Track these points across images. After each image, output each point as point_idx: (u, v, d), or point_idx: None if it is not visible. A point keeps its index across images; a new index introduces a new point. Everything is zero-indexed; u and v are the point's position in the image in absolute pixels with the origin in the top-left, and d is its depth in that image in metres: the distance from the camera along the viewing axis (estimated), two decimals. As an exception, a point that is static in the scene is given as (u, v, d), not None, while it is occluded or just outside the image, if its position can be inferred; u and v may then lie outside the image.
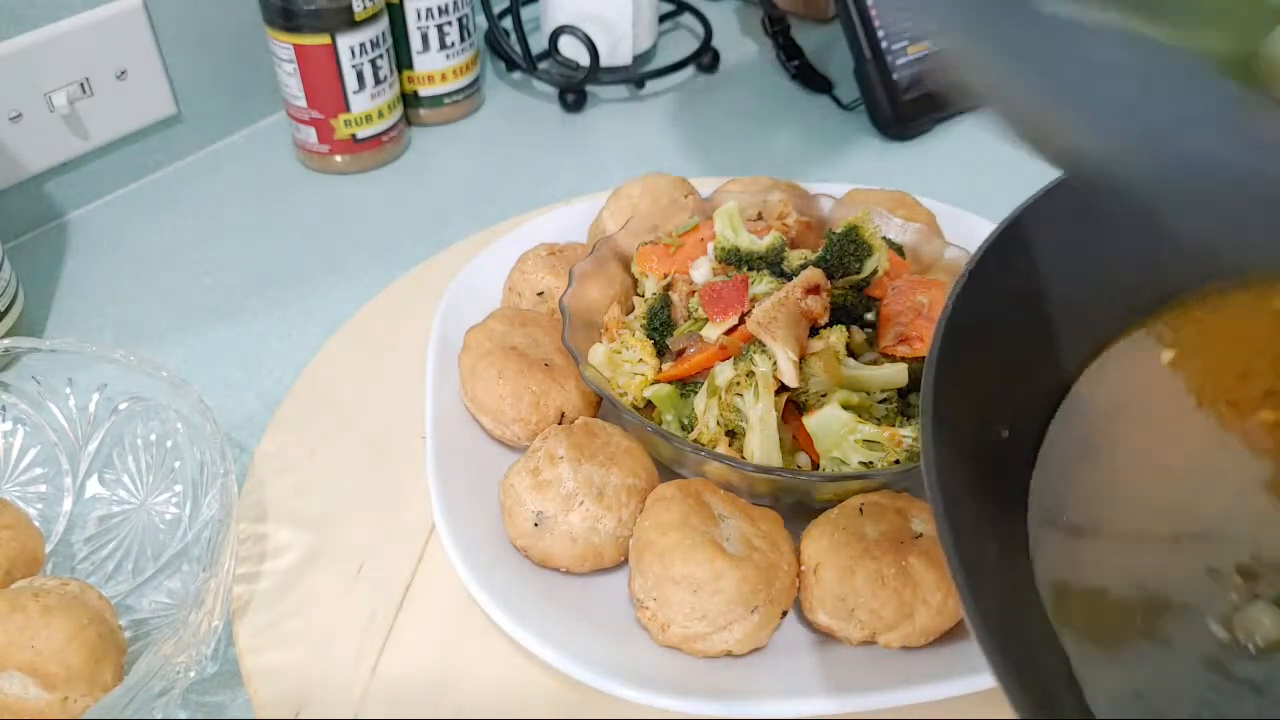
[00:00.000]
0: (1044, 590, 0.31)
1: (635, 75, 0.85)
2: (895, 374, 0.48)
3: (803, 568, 0.43)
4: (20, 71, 0.63)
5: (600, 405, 0.52)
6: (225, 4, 0.73)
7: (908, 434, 0.45)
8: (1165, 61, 0.31)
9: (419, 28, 0.76)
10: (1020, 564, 0.32)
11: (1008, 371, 0.36)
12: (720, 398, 0.47)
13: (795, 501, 0.47)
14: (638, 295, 0.56)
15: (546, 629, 0.42)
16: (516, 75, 0.89)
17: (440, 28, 0.76)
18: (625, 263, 0.56)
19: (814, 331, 0.49)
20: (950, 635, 0.43)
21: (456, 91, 0.81)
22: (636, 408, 0.49)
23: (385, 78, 0.73)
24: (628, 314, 0.54)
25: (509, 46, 0.84)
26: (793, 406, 0.48)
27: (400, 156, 0.78)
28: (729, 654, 0.42)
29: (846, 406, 0.46)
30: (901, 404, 0.48)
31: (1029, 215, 0.37)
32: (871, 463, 0.45)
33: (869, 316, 0.51)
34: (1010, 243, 0.36)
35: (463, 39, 0.78)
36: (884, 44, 0.77)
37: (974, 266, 0.34)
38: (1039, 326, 0.38)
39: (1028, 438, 0.36)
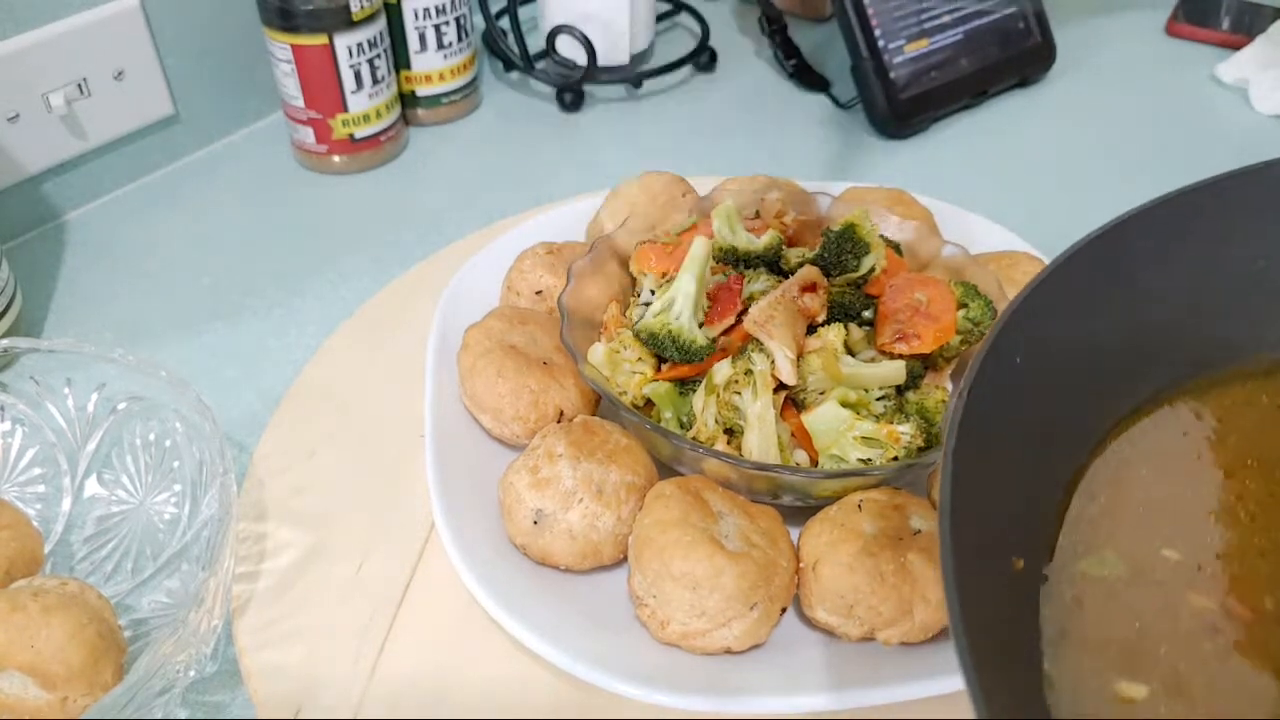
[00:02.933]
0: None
1: (633, 75, 0.85)
2: (893, 371, 0.48)
3: (802, 564, 0.43)
4: (18, 72, 0.63)
5: (599, 403, 0.52)
6: (223, 4, 0.73)
7: (906, 431, 0.45)
8: None
9: (416, 28, 0.76)
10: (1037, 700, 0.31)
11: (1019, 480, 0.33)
12: (719, 396, 0.47)
13: (794, 499, 0.47)
14: (634, 294, 0.56)
15: (546, 627, 0.42)
16: (514, 75, 0.89)
17: (438, 28, 0.76)
18: (623, 261, 0.56)
19: (812, 329, 0.49)
20: (949, 632, 0.43)
21: (454, 91, 0.81)
22: (635, 406, 0.49)
23: (383, 78, 0.73)
24: (626, 312, 0.54)
25: (506, 46, 0.84)
26: (791, 404, 0.48)
27: (398, 156, 0.78)
28: (728, 651, 0.42)
29: (845, 404, 0.46)
30: (899, 401, 0.48)
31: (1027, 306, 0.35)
32: (870, 460, 0.45)
33: (867, 314, 0.51)
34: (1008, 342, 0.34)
35: (460, 39, 0.78)
36: (881, 43, 0.78)
37: (977, 371, 0.32)
38: (1039, 430, 0.35)
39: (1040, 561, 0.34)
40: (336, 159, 0.75)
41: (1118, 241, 0.37)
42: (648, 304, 0.52)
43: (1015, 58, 0.85)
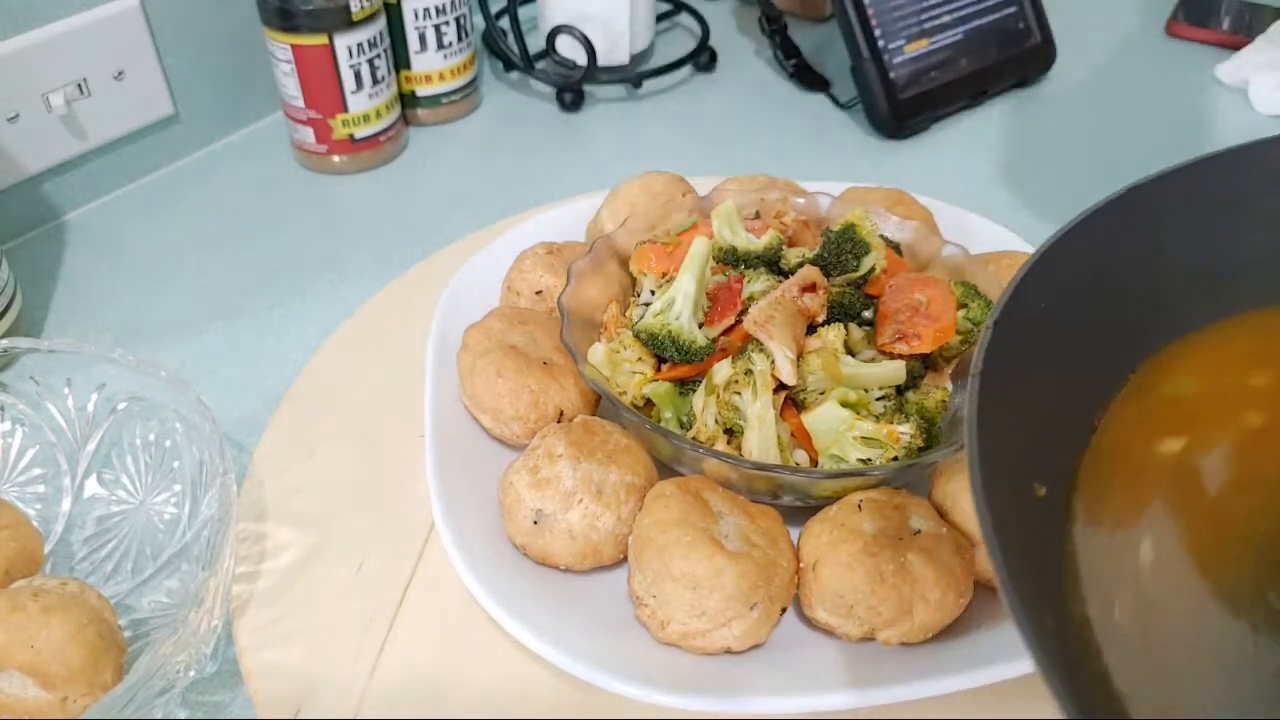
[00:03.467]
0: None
1: (633, 74, 0.85)
2: (893, 371, 0.48)
3: (801, 564, 0.43)
4: (17, 72, 0.63)
5: (599, 403, 0.52)
6: (222, 4, 0.73)
7: (906, 431, 0.45)
8: None
9: (416, 28, 0.76)
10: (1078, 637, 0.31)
11: (1043, 411, 0.34)
12: (718, 396, 0.47)
13: (794, 499, 0.47)
14: (634, 294, 0.56)
15: (546, 626, 0.42)
16: (514, 75, 0.89)
17: (438, 28, 0.76)
18: (623, 261, 0.56)
19: (812, 329, 0.49)
20: (949, 631, 0.43)
21: (454, 91, 0.81)
22: (635, 406, 0.49)
23: (383, 78, 0.73)
24: (626, 312, 0.54)
25: (506, 46, 0.84)
26: (791, 404, 0.48)
27: (398, 156, 0.78)
28: (728, 651, 0.42)
29: (845, 404, 0.46)
30: (899, 401, 0.48)
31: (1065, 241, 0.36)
32: (870, 460, 0.45)
33: (867, 314, 0.51)
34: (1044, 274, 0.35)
35: (460, 39, 0.78)
36: (881, 43, 0.78)
37: (1010, 296, 0.33)
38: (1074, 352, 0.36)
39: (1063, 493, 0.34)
40: (336, 159, 0.75)
41: (1147, 197, 0.39)
42: (648, 304, 0.52)
43: (1015, 58, 0.85)
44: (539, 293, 0.56)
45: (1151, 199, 0.38)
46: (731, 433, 0.47)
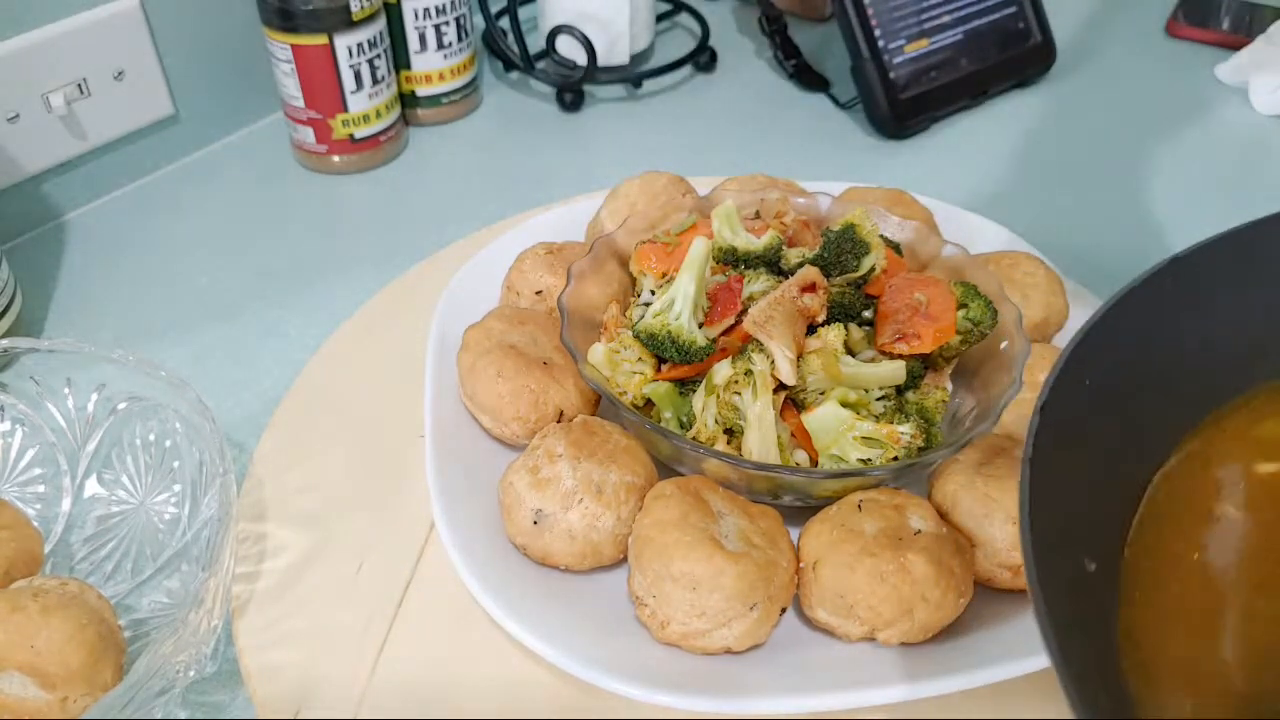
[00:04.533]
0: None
1: (633, 75, 0.85)
2: (893, 371, 0.48)
3: (801, 565, 0.43)
4: (17, 72, 0.63)
5: (599, 403, 0.52)
6: (222, 4, 0.73)
7: (906, 431, 0.45)
8: None
9: (416, 27, 0.76)
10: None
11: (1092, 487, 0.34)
12: (718, 396, 0.47)
13: (794, 499, 0.47)
14: (634, 294, 0.56)
15: (546, 627, 0.42)
16: (514, 75, 0.89)
17: (438, 27, 0.76)
18: (623, 261, 0.56)
19: (812, 329, 0.49)
20: (949, 631, 0.43)
21: (454, 91, 0.81)
22: (635, 406, 0.49)
23: (383, 78, 0.73)
24: (626, 312, 0.54)
25: (506, 46, 0.84)
26: (791, 404, 0.48)
27: (398, 156, 0.78)
28: (728, 651, 0.42)
29: (845, 404, 0.46)
30: (899, 401, 0.49)
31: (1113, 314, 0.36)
32: (870, 460, 0.45)
33: (867, 314, 0.51)
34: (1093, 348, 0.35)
35: (460, 39, 0.78)
36: (881, 43, 0.78)
37: (1057, 375, 0.33)
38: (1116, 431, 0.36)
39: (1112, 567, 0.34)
40: (336, 159, 0.75)
41: (1189, 269, 0.38)
42: (648, 304, 0.52)
43: (1015, 58, 0.85)
44: (539, 293, 0.56)
45: (1191, 270, 0.38)
46: (731, 433, 0.47)
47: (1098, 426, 0.34)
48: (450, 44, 0.78)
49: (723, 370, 0.47)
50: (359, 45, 0.70)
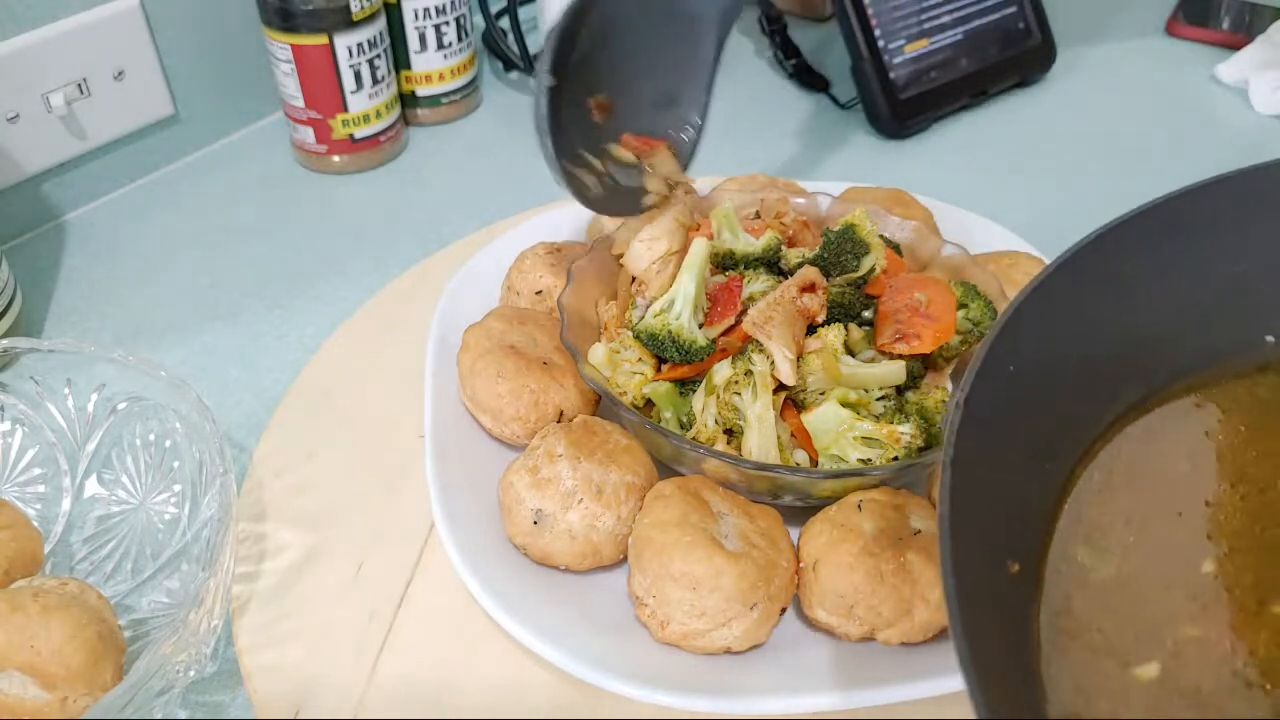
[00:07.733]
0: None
1: (633, 74, 0.85)
2: (893, 371, 0.48)
3: (801, 564, 0.43)
4: (18, 72, 0.63)
5: (599, 403, 0.52)
6: (223, 4, 0.73)
7: (906, 431, 0.45)
8: None
9: (416, 28, 0.76)
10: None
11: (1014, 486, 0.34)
12: (719, 396, 0.47)
13: (794, 499, 0.47)
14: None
15: (546, 627, 0.42)
16: (514, 75, 0.89)
17: (438, 28, 0.76)
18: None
19: (812, 330, 0.49)
20: (949, 631, 0.43)
21: (454, 91, 0.81)
22: (635, 406, 0.49)
23: (383, 78, 0.73)
24: (626, 313, 0.54)
25: (506, 46, 0.84)
26: (791, 404, 0.48)
27: (398, 156, 0.78)
28: (728, 651, 0.42)
29: (845, 404, 0.46)
30: (899, 401, 0.48)
31: (1026, 307, 0.35)
32: (870, 460, 0.45)
33: (866, 314, 0.51)
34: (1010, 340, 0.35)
35: (460, 39, 0.78)
36: (881, 43, 0.78)
37: (977, 369, 0.32)
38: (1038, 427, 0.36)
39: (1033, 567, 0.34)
40: (336, 159, 0.75)
41: (1102, 251, 0.37)
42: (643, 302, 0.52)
43: (1015, 58, 0.85)
44: (539, 293, 0.56)
45: (1117, 245, 0.38)
46: (731, 433, 0.47)
47: (1020, 419, 0.34)
48: (450, 44, 0.78)
49: (723, 370, 0.47)
50: (359, 45, 0.70)
